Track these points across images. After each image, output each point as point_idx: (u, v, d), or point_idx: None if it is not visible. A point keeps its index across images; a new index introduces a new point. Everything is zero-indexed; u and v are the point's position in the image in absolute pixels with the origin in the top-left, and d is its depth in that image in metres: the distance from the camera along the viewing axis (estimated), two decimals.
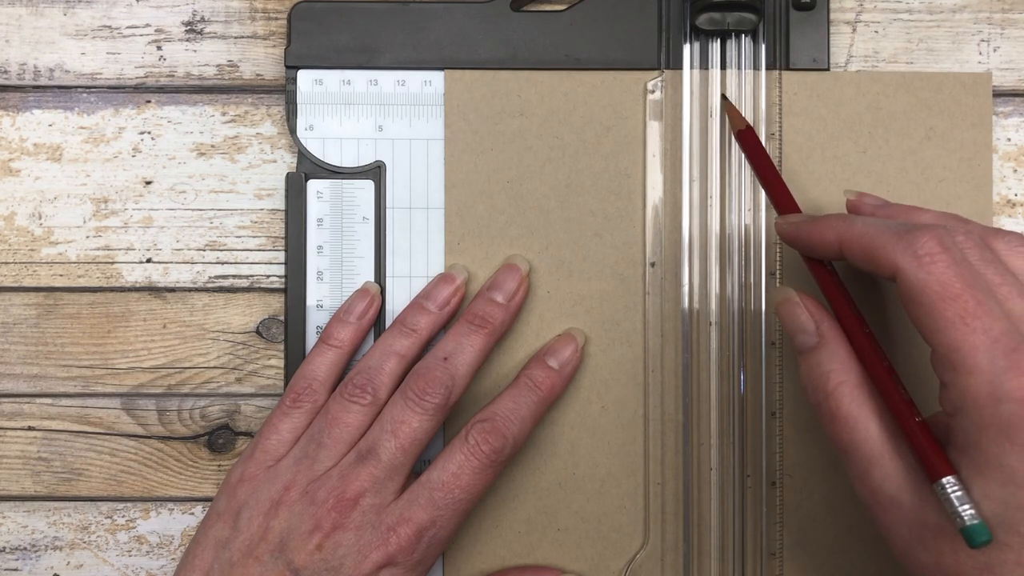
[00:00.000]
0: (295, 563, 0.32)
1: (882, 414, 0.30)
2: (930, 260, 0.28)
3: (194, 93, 0.39)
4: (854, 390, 0.30)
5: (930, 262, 0.28)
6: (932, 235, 0.28)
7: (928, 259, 0.28)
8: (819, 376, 0.31)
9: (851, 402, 0.30)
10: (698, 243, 0.37)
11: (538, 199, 0.38)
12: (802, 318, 0.32)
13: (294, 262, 0.37)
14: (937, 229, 0.29)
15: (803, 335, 0.32)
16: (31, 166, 0.39)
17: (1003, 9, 0.39)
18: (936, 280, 0.27)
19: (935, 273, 0.28)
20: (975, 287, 0.27)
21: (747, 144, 0.35)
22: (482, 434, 0.34)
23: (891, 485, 0.29)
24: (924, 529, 0.28)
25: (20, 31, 0.39)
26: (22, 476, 0.39)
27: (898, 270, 0.28)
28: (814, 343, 0.31)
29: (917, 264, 0.28)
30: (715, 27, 0.37)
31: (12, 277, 0.39)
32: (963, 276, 0.27)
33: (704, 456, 0.37)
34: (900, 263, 0.28)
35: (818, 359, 0.31)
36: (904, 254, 0.28)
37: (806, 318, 0.32)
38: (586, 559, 0.37)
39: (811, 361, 0.31)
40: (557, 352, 0.36)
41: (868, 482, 0.29)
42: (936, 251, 0.28)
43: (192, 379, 0.38)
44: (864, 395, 0.30)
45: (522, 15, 0.38)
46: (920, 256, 0.28)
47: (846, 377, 0.30)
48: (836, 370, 0.30)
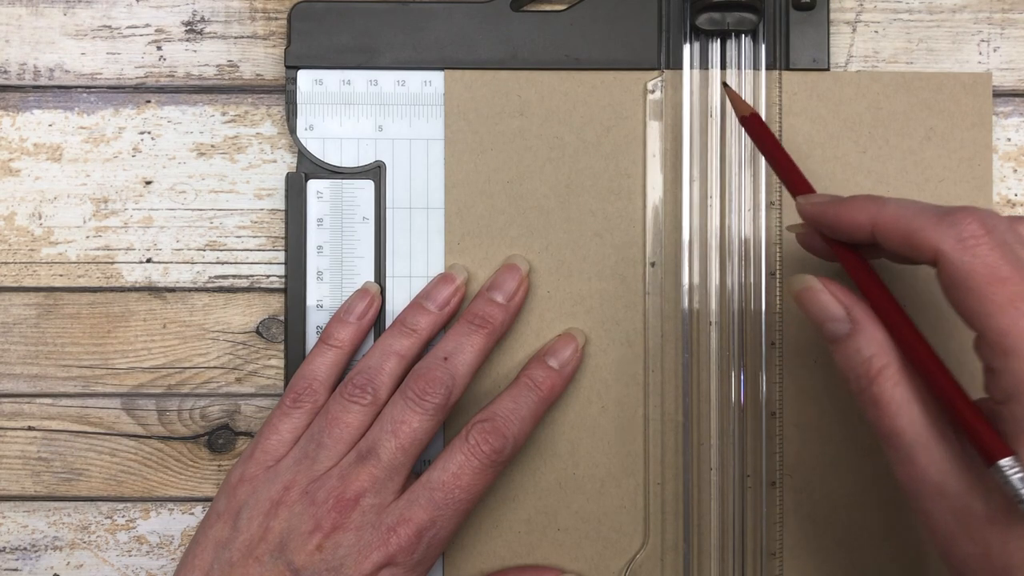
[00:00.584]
0: (295, 563, 0.32)
1: (926, 399, 0.29)
2: (975, 243, 0.27)
3: (194, 93, 0.39)
4: (897, 374, 0.29)
5: (975, 244, 0.27)
6: (974, 217, 0.27)
7: (973, 242, 0.27)
8: (859, 363, 0.29)
9: (895, 387, 0.29)
10: (698, 243, 0.37)
11: (538, 199, 0.38)
12: (830, 305, 0.30)
13: (294, 262, 0.37)
14: (978, 211, 0.28)
15: (833, 323, 0.30)
16: (31, 166, 0.39)
17: (1003, 9, 0.39)
18: (982, 263, 0.27)
19: (980, 256, 0.27)
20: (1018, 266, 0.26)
21: (753, 129, 0.35)
22: (482, 434, 0.34)
23: (937, 472, 0.28)
24: (971, 517, 0.27)
25: (20, 31, 0.39)
26: (22, 476, 0.39)
27: (940, 253, 0.27)
28: (847, 330, 0.30)
29: (961, 247, 0.27)
30: (715, 27, 0.37)
31: (12, 277, 0.39)
32: (1009, 259, 0.27)
33: (704, 456, 0.37)
34: (942, 246, 0.27)
35: (856, 346, 0.30)
36: (946, 237, 0.27)
37: (834, 305, 0.30)
38: (586, 559, 0.37)
39: (848, 349, 0.30)
40: (557, 352, 0.36)
41: (912, 469, 0.28)
42: (980, 233, 0.27)
43: (192, 379, 0.38)
44: (908, 379, 0.29)
45: (522, 15, 0.38)
46: (964, 239, 0.27)
47: (888, 361, 0.29)
48: (877, 355, 0.29)
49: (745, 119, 0.35)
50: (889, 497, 0.37)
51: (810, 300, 0.31)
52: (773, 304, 0.37)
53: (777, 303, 0.37)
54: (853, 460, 0.37)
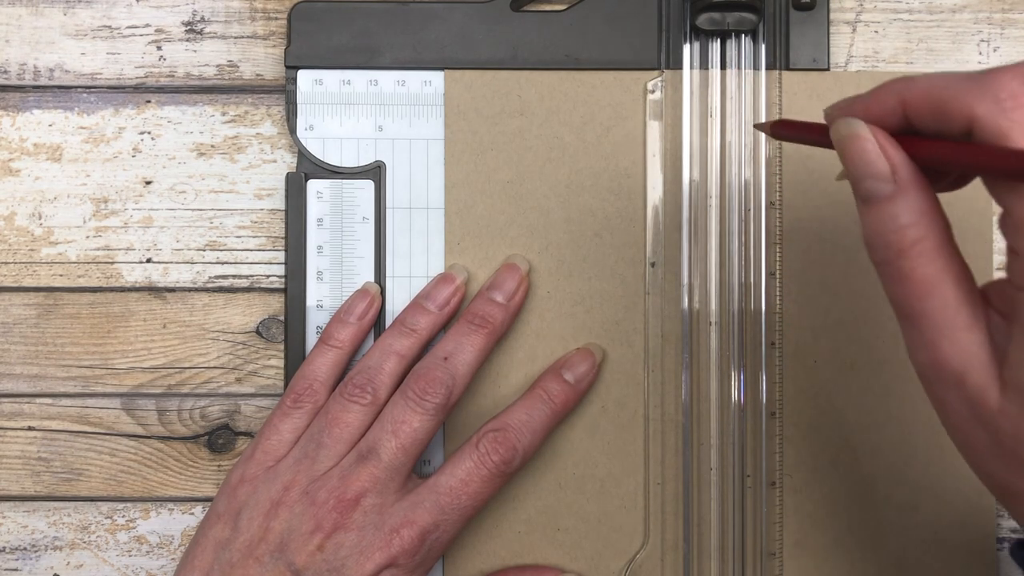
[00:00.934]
0: (296, 564, 0.32)
1: (959, 281, 0.26)
2: (1014, 104, 0.24)
3: (194, 93, 0.39)
4: (934, 251, 0.26)
5: (1014, 107, 0.24)
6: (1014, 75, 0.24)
7: (1011, 103, 0.24)
8: (892, 231, 0.26)
9: (929, 263, 0.26)
10: (698, 243, 0.37)
11: (538, 199, 0.38)
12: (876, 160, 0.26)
13: (294, 262, 0.37)
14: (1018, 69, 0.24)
15: (874, 181, 0.26)
16: (31, 166, 0.39)
17: (1003, 9, 0.39)
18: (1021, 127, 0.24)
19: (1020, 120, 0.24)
20: None
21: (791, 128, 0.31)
22: (493, 444, 0.34)
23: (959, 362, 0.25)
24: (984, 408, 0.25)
25: (20, 31, 0.39)
26: (22, 476, 0.39)
27: (975, 119, 0.24)
28: (888, 192, 0.26)
29: (999, 109, 0.24)
30: (715, 27, 0.37)
31: (12, 277, 0.39)
32: None
33: (704, 456, 0.37)
34: (978, 110, 0.24)
35: (893, 211, 0.26)
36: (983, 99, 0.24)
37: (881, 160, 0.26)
38: (586, 559, 0.37)
39: (883, 213, 0.26)
40: (574, 366, 0.36)
41: (933, 354, 0.26)
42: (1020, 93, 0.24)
43: (192, 379, 0.38)
44: (944, 258, 0.26)
45: (522, 15, 0.38)
46: (1002, 100, 0.24)
47: (926, 233, 0.26)
48: (915, 225, 0.26)
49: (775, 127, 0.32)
50: (889, 497, 0.37)
51: (855, 150, 0.27)
52: (773, 304, 0.37)
53: (777, 303, 0.37)
54: (853, 460, 0.37)
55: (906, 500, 0.37)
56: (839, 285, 0.37)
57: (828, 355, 0.37)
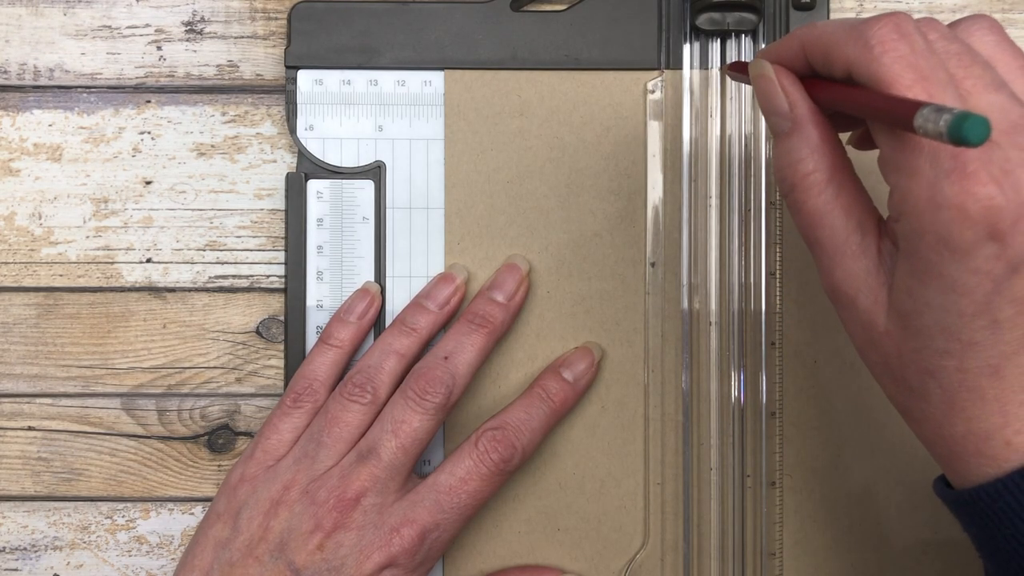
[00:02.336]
0: (296, 563, 0.32)
1: (851, 209, 0.27)
2: (882, 50, 0.25)
3: (194, 93, 0.39)
4: (822, 183, 0.27)
5: (882, 52, 0.25)
6: (889, 21, 0.25)
7: (880, 48, 0.25)
8: (787, 165, 0.28)
9: (818, 195, 0.27)
10: (698, 243, 0.37)
11: (538, 199, 0.38)
12: (776, 98, 0.28)
13: (294, 262, 0.37)
14: (897, 15, 0.25)
15: (775, 117, 0.28)
16: (31, 166, 0.39)
17: (1003, 9, 0.39)
18: (887, 71, 0.25)
19: (886, 64, 0.25)
20: (930, 79, 0.24)
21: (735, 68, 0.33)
22: (492, 442, 0.34)
23: (850, 285, 0.27)
24: (873, 330, 0.27)
25: (20, 31, 0.39)
26: (22, 476, 0.39)
27: (850, 64, 0.26)
28: (787, 127, 0.28)
29: (869, 56, 0.25)
30: (715, 27, 0.37)
31: (12, 277, 0.39)
32: (918, 66, 0.25)
33: (704, 456, 0.37)
34: (851, 55, 0.26)
35: (788, 145, 0.28)
36: (856, 45, 0.25)
37: (780, 99, 0.28)
38: (586, 559, 0.37)
39: (780, 147, 0.28)
40: (573, 365, 0.36)
41: (830, 279, 0.28)
42: (891, 38, 0.25)
43: (192, 379, 0.38)
44: (835, 189, 0.27)
45: (522, 15, 0.38)
46: (872, 46, 0.25)
47: (815, 167, 0.27)
48: (805, 160, 0.27)
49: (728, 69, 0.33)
50: (889, 497, 0.37)
51: (760, 88, 0.29)
52: (773, 304, 0.37)
53: (777, 303, 0.37)
54: (853, 460, 0.37)
55: (906, 500, 0.37)
56: None
57: (828, 355, 0.37)
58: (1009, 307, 0.25)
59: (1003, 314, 0.25)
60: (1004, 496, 0.26)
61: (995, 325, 0.25)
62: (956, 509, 0.28)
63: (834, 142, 0.28)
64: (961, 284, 0.25)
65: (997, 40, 0.27)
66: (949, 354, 0.26)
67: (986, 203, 0.24)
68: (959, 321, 0.25)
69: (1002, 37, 0.27)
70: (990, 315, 0.25)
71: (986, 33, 0.27)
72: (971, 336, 0.25)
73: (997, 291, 0.25)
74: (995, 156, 0.24)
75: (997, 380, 0.26)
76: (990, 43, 0.27)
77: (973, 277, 0.25)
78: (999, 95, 0.25)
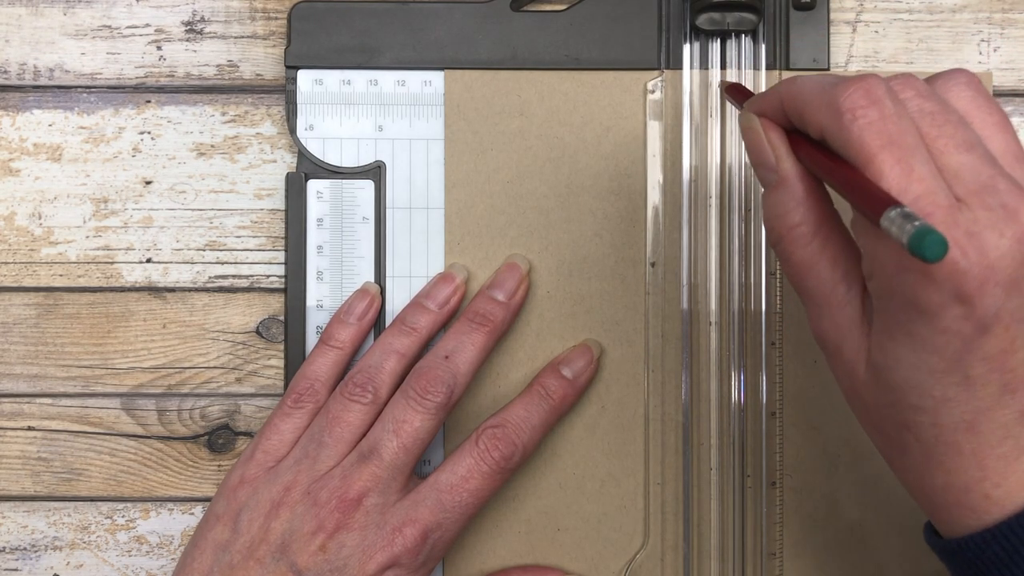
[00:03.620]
0: (298, 564, 0.32)
1: (836, 261, 0.28)
2: (852, 117, 0.25)
3: (194, 93, 0.39)
4: (809, 235, 0.28)
5: (852, 119, 0.25)
6: (860, 86, 0.25)
7: (850, 116, 0.25)
8: (774, 217, 0.28)
9: (804, 247, 0.28)
10: (698, 243, 0.37)
11: (538, 199, 0.38)
12: (763, 152, 0.29)
13: (294, 262, 0.37)
14: (869, 79, 0.26)
15: (763, 170, 0.29)
16: (31, 166, 0.39)
17: (1003, 9, 0.39)
18: (856, 139, 0.25)
19: (855, 132, 0.25)
20: (899, 144, 0.25)
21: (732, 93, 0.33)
22: (493, 440, 0.34)
23: (836, 335, 0.28)
24: (856, 379, 0.28)
25: (20, 31, 0.39)
26: (22, 476, 0.39)
27: (822, 129, 0.26)
28: (773, 180, 0.28)
29: (839, 123, 0.25)
30: (715, 27, 0.37)
31: (12, 277, 0.39)
32: (887, 132, 0.25)
33: (704, 456, 0.37)
34: (823, 120, 0.26)
35: (774, 199, 0.28)
36: (827, 111, 0.26)
37: (767, 152, 0.28)
38: (586, 559, 0.37)
39: (768, 200, 0.29)
40: (572, 362, 0.36)
41: (816, 327, 0.29)
42: (860, 105, 0.25)
43: (192, 379, 0.38)
44: (821, 241, 0.28)
45: (522, 15, 0.38)
46: (842, 113, 0.25)
47: (803, 220, 0.28)
48: (791, 213, 0.28)
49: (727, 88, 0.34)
50: (889, 497, 0.37)
51: (748, 140, 0.29)
52: (773, 304, 0.37)
53: (777, 303, 0.37)
54: (853, 460, 0.37)
55: (906, 500, 0.37)
56: None
57: None
58: (980, 364, 0.25)
59: (975, 371, 0.25)
60: (991, 546, 0.26)
61: (967, 382, 0.25)
62: (943, 557, 0.28)
63: (820, 195, 0.28)
64: (931, 343, 0.25)
65: (973, 96, 0.27)
66: (923, 410, 0.26)
67: (950, 267, 0.24)
68: (930, 378, 0.25)
69: (978, 92, 0.27)
70: (961, 372, 0.25)
71: (963, 89, 0.27)
72: (943, 392, 0.25)
73: (967, 350, 0.25)
74: (962, 218, 0.24)
75: (973, 435, 0.26)
76: (966, 99, 0.27)
77: (942, 337, 0.25)
78: (970, 155, 0.25)
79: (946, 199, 0.24)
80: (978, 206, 0.24)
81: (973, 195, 0.25)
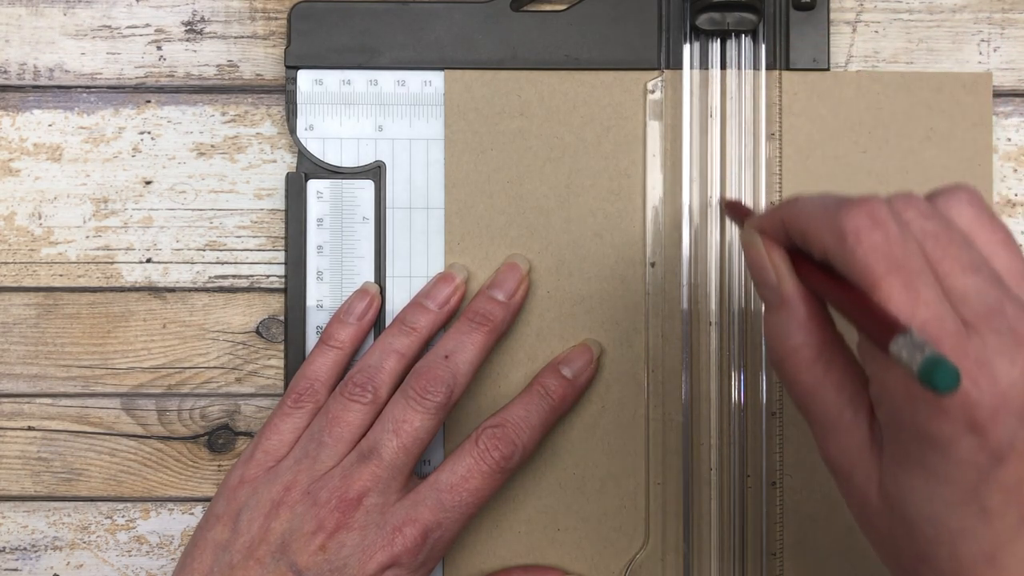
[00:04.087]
0: (298, 564, 0.32)
1: (842, 385, 0.27)
2: (856, 241, 0.25)
3: (194, 93, 0.39)
4: (812, 359, 0.27)
5: (855, 242, 0.25)
6: (861, 210, 0.25)
7: (853, 239, 0.25)
8: (775, 337, 0.28)
9: (807, 371, 0.27)
10: (698, 243, 0.37)
11: (538, 199, 0.38)
12: (765, 272, 0.28)
13: (294, 262, 0.37)
14: (872, 201, 0.25)
15: (765, 290, 0.29)
16: (31, 166, 0.39)
17: (1003, 9, 0.39)
18: (861, 263, 0.24)
19: (860, 256, 0.24)
20: (905, 268, 0.24)
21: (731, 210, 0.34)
22: (492, 440, 0.34)
23: (844, 459, 0.27)
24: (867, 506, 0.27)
25: (20, 31, 0.39)
26: (22, 476, 0.39)
27: (825, 251, 0.26)
28: (776, 301, 0.28)
29: (843, 247, 0.25)
30: (715, 27, 0.37)
31: (12, 277, 0.39)
32: (892, 256, 0.24)
33: (704, 456, 0.37)
34: (827, 244, 0.26)
35: (776, 319, 0.28)
36: (830, 234, 0.25)
37: (769, 274, 0.28)
38: (586, 559, 0.37)
39: (770, 320, 0.28)
40: (572, 362, 0.36)
41: (824, 452, 0.28)
42: (864, 228, 0.25)
43: (192, 379, 0.38)
44: (824, 365, 0.27)
45: (522, 15, 0.38)
46: (845, 236, 0.25)
47: (805, 343, 0.27)
48: (793, 335, 0.27)
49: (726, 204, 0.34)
50: None
51: (750, 259, 0.29)
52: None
53: None
54: None
55: None
56: None
57: None
58: (998, 495, 0.24)
59: (992, 503, 0.24)
60: None
61: (985, 513, 0.24)
62: None
63: (823, 317, 0.27)
64: (944, 474, 0.24)
65: (976, 214, 0.26)
66: (939, 542, 0.25)
67: (962, 397, 0.23)
68: (946, 510, 0.25)
69: (981, 210, 0.27)
70: (978, 504, 0.24)
71: (965, 207, 0.27)
72: (960, 524, 0.25)
73: (983, 480, 0.24)
74: (971, 345, 0.23)
75: (994, 569, 0.25)
76: (969, 217, 0.26)
77: (956, 468, 0.24)
78: (976, 277, 0.25)
79: (954, 324, 0.24)
80: (987, 331, 0.24)
81: (981, 319, 0.24)
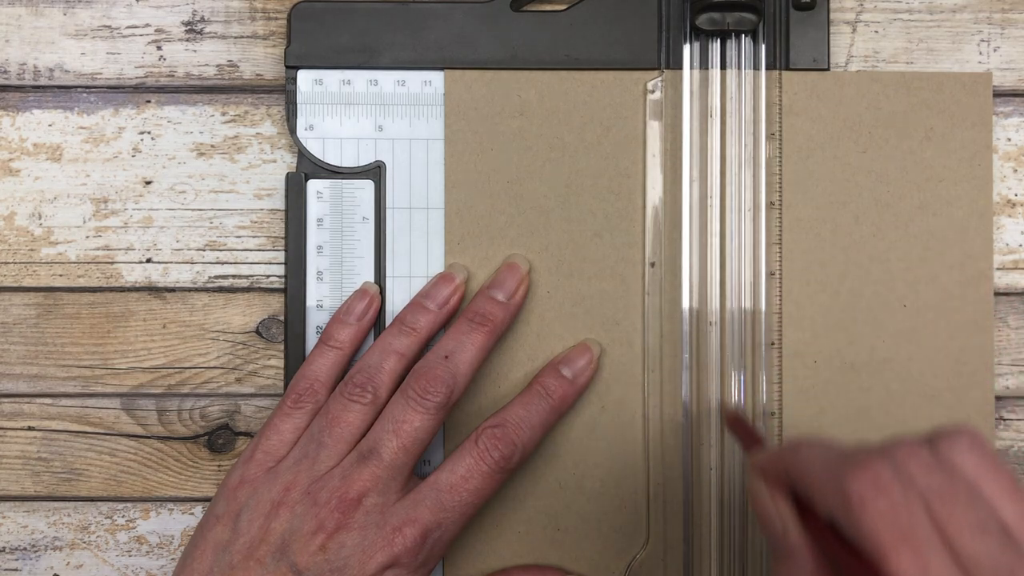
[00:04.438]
0: (298, 564, 0.32)
1: None
2: (862, 507, 0.24)
3: (194, 93, 0.39)
4: None
5: (862, 510, 0.24)
6: (866, 473, 0.25)
7: (859, 505, 0.24)
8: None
9: None
10: (698, 243, 0.37)
11: (538, 199, 0.38)
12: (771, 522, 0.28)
13: (294, 262, 0.37)
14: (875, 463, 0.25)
15: (772, 539, 0.29)
16: (31, 166, 0.39)
17: (1003, 9, 0.39)
18: (869, 531, 0.24)
19: (867, 523, 0.24)
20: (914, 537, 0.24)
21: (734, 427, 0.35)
22: (492, 440, 0.34)
23: None
24: None
25: (20, 31, 0.39)
26: (22, 476, 0.39)
27: (831, 513, 0.25)
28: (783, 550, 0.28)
29: (848, 512, 0.25)
30: (715, 27, 0.37)
31: (12, 277, 0.39)
32: (899, 523, 0.24)
33: (704, 456, 0.37)
34: (832, 505, 0.25)
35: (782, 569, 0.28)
36: (835, 496, 0.25)
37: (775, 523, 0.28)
38: (586, 559, 0.37)
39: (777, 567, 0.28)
40: (572, 362, 0.36)
41: None
42: (869, 493, 0.24)
43: (192, 379, 0.38)
44: None
45: (522, 15, 0.38)
46: (851, 500, 0.25)
47: None
48: None
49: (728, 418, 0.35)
50: None
51: (756, 507, 0.29)
52: (773, 304, 0.37)
53: (777, 303, 0.37)
54: None
55: None
56: (839, 285, 0.37)
57: (828, 355, 0.37)
58: None
59: None
60: None
61: None
62: None
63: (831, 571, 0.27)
64: None
65: (979, 460, 0.26)
66: None
67: None
68: None
69: (984, 456, 0.26)
70: None
71: (968, 454, 0.26)
72: None
73: None
74: None
75: None
76: (973, 464, 0.26)
77: None
78: (986, 539, 0.24)
79: None
80: None
81: None
